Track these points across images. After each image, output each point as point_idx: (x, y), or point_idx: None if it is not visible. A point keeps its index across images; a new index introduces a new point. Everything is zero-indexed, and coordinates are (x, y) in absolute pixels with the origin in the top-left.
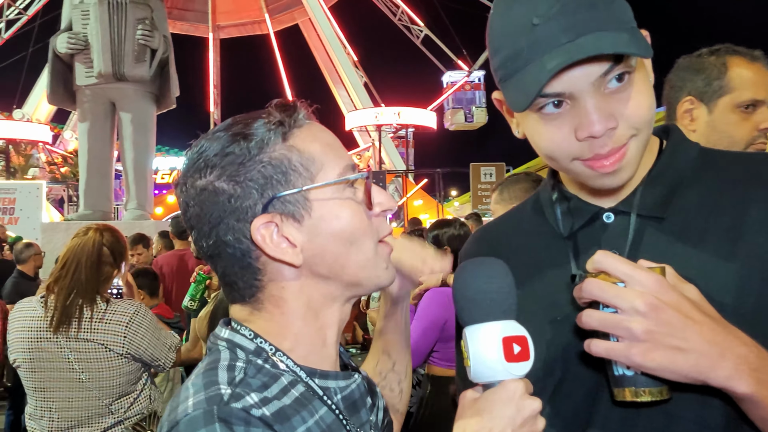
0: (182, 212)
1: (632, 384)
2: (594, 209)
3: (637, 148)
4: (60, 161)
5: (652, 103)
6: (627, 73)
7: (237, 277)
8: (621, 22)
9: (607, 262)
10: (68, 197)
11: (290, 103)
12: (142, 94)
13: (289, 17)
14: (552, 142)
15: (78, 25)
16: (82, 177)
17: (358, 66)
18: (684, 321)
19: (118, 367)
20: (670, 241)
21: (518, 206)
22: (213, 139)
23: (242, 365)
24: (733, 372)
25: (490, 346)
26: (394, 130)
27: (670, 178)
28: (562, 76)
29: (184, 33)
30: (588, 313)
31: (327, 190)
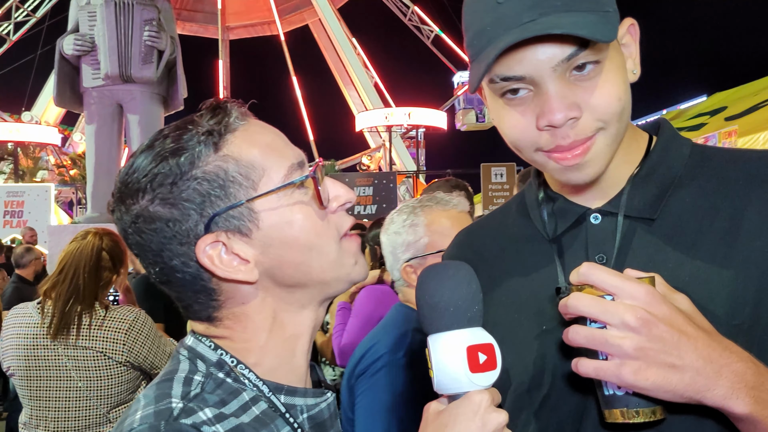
0: (123, 239)
1: (624, 404)
2: (580, 210)
3: (606, 144)
4: (69, 163)
5: (621, 95)
6: (594, 61)
7: (192, 300)
8: (595, 3)
9: (594, 274)
10: (77, 200)
11: (220, 105)
12: (150, 96)
13: (299, 18)
14: (514, 130)
15: (85, 26)
16: (89, 179)
17: (368, 66)
18: (678, 336)
19: (117, 375)
20: (661, 244)
21: (503, 206)
22: (141, 157)
23: (200, 379)
24: (729, 391)
25: (454, 356)
26: (405, 130)
27: (660, 177)
28: (523, 58)
29: (193, 34)
30: (575, 330)
31: (273, 198)
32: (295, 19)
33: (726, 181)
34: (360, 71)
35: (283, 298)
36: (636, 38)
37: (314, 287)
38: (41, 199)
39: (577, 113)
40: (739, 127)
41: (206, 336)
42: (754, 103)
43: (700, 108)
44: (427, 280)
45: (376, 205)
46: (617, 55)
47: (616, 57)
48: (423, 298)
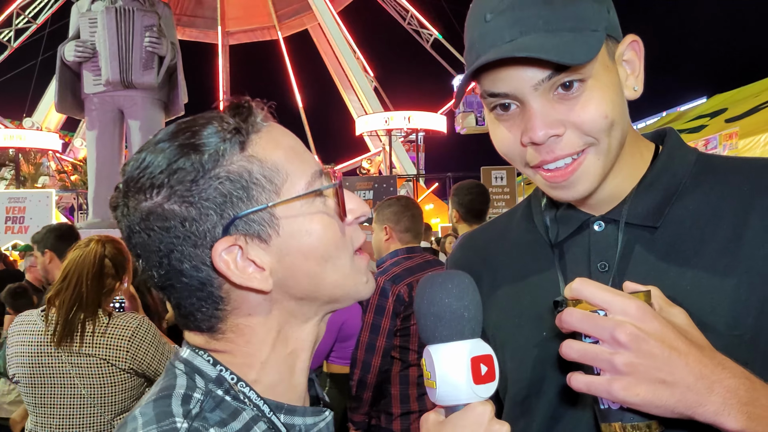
0: (125, 238)
1: (619, 419)
2: (584, 217)
3: (596, 159)
4: (70, 169)
5: (608, 112)
6: (578, 80)
7: (194, 308)
8: (579, 21)
9: (586, 289)
10: (78, 205)
11: (244, 104)
12: (151, 101)
13: (299, 22)
14: (502, 144)
15: (86, 33)
16: (90, 185)
17: (367, 70)
18: (668, 352)
19: (120, 382)
20: (663, 252)
21: (509, 211)
22: (157, 151)
23: (199, 396)
24: (721, 407)
25: (458, 367)
26: (405, 134)
27: (664, 185)
28: (506, 76)
29: (193, 39)
30: (568, 344)
31: (295, 204)
32: (295, 24)
33: (730, 189)
34: (359, 75)
35: (291, 310)
36: (640, 55)
37: (323, 301)
38: (42, 205)
39: (560, 130)
40: (740, 129)
41: (204, 349)
42: (754, 104)
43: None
44: (430, 290)
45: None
46: (606, 72)
47: (604, 74)
48: (425, 308)
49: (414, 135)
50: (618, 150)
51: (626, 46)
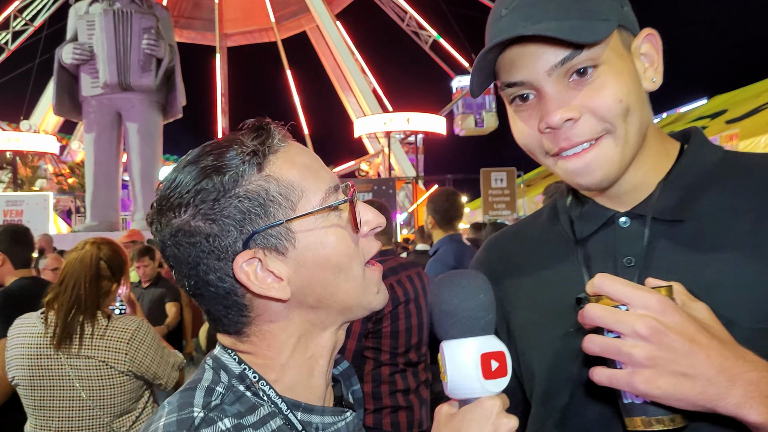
0: (160, 251)
1: (642, 413)
2: (609, 213)
3: (613, 146)
4: (67, 172)
5: (622, 97)
6: (591, 66)
7: (222, 314)
8: (588, 11)
9: (607, 285)
10: (76, 208)
11: (263, 127)
12: (149, 104)
13: (297, 24)
14: (521, 135)
15: (83, 35)
16: (88, 188)
17: (366, 72)
18: (689, 345)
19: (119, 384)
20: (687, 246)
21: (535, 213)
22: (184, 172)
23: (221, 390)
24: (743, 399)
25: (468, 362)
26: (404, 136)
27: (688, 181)
28: (520, 65)
29: (191, 42)
30: (590, 339)
31: (310, 219)
32: (293, 26)
33: (754, 185)
34: (358, 77)
35: (309, 318)
36: (657, 47)
37: (338, 309)
38: (40, 208)
39: (574, 114)
40: (740, 130)
41: (232, 350)
42: (755, 105)
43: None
44: (443, 289)
45: None
46: (620, 60)
47: (617, 62)
48: (438, 306)
49: (413, 137)
50: (637, 139)
51: (642, 39)
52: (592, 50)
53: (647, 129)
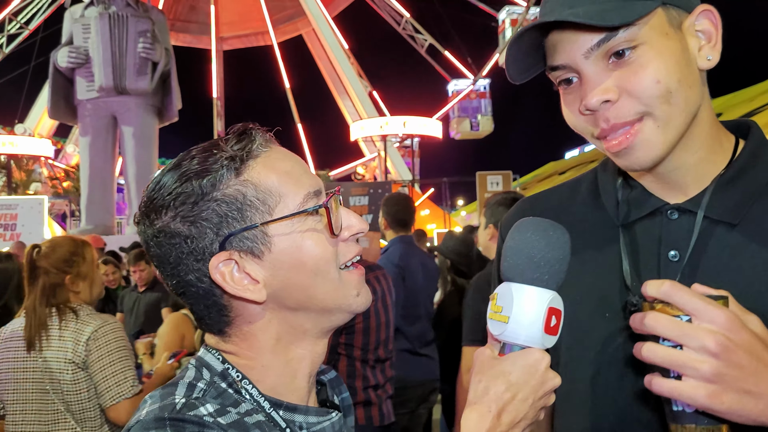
0: (146, 250)
1: (693, 422)
2: (658, 203)
3: (654, 129)
4: (62, 176)
5: (662, 78)
6: (630, 48)
7: (204, 314)
8: None
9: (676, 294)
10: (71, 212)
11: (246, 132)
12: (144, 107)
13: (293, 28)
14: (569, 118)
15: (79, 39)
16: (83, 192)
17: (362, 76)
18: (756, 364)
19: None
20: (739, 250)
21: (571, 182)
22: (168, 175)
23: (203, 386)
24: None
25: (537, 312)
26: (400, 139)
27: (747, 182)
28: (560, 48)
29: (187, 45)
30: (651, 349)
31: (287, 223)
32: (289, 29)
33: None
34: (354, 80)
35: (288, 320)
36: (716, 23)
37: (317, 312)
38: (35, 212)
39: (612, 96)
40: None
41: (216, 349)
42: (749, 109)
43: None
44: (532, 233)
45: (371, 214)
46: (664, 39)
47: (660, 41)
48: (521, 247)
49: (409, 140)
50: (683, 120)
51: (698, 15)
52: (629, 31)
53: (698, 110)
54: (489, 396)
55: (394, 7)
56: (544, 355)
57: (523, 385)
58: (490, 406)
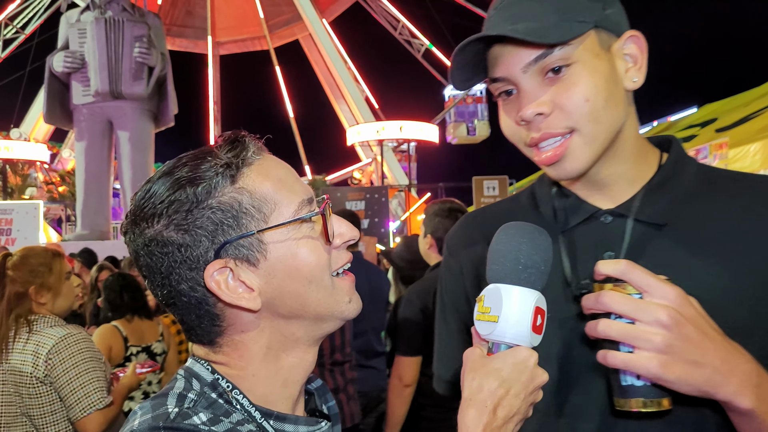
0: (133, 261)
1: (641, 395)
2: (592, 209)
3: (581, 144)
4: (58, 180)
5: (590, 96)
6: (565, 65)
7: (194, 324)
8: (564, 12)
9: (632, 272)
10: (66, 217)
11: (238, 139)
12: (140, 112)
13: (289, 33)
14: (506, 128)
15: (75, 43)
16: (79, 197)
17: (358, 80)
18: (702, 336)
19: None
20: (669, 249)
21: (512, 197)
22: (159, 183)
23: (193, 397)
24: (739, 388)
25: (525, 311)
26: (396, 144)
27: (673, 187)
28: (501, 62)
29: (183, 50)
30: (606, 323)
31: (282, 230)
32: (286, 34)
33: (732, 199)
34: (351, 85)
35: (280, 329)
36: (642, 48)
37: (310, 319)
38: (30, 217)
39: (545, 109)
40: (730, 138)
41: (206, 360)
42: (744, 114)
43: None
44: (518, 236)
45: (368, 219)
46: (595, 60)
47: (592, 61)
48: (507, 250)
49: (405, 145)
50: (607, 136)
51: (626, 40)
52: (564, 50)
53: (622, 125)
54: (483, 392)
55: (391, 12)
56: (532, 353)
57: (514, 381)
58: (486, 402)
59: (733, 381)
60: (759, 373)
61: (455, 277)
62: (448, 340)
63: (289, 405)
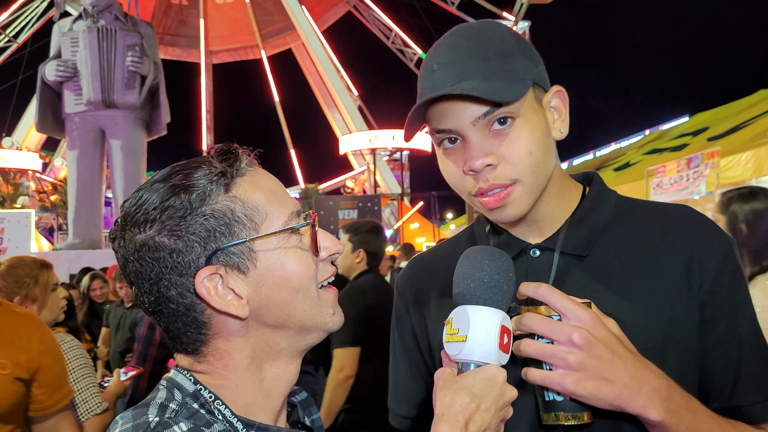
0: (121, 267)
1: (561, 409)
2: (522, 244)
3: (522, 194)
4: (50, 189)
5: (533, 149)
6: (510, 117)
7: (180, 332)
8: (509, 72)
9: (551, 295)
10: (58, 226)
11: (232, 151)
12: (132, 121)
13: (282, 42)
14: (449, 175)
15: (67, 52)
16: (70, 205)
17: (351, 89)
18: (612, 356)
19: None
20: (590, 278)
21: (454, 237)
22: (152, 190)
23: (175, 407)
24: (648, 402)
25: (491, 330)
26: (389, 153)
27: (592, 221)
28: (449, 114)
29: (176, 59)
30: (528, 343)
31: (272, 240)
32: (279, 43)
33: (645, 229)
34: (343, 94)
35: (265, 338)
36: (565, 102)
37: (295, 329)
38: (21, 226)
39: (494, 161)
40: (721, 147)
41: (188, 370)
42: (736, 123)
43: (682, 128)
44: (480, 258)
45: None
46: (533, 114)
47: (531, 116)
48: (475, 273)
49: (398, 154)
50: (543, 184)
51: (552, 94)
52: (510, 106)
53: (553, 172)
54: (455, 408)
55: (383, 21)
56: (501, 370)
57: (485, 396)
58: (458, 417)
59: (643, 395)
60: (669, 387)
61: (402, 316)
62: (400, 377)
63: (271, 416)
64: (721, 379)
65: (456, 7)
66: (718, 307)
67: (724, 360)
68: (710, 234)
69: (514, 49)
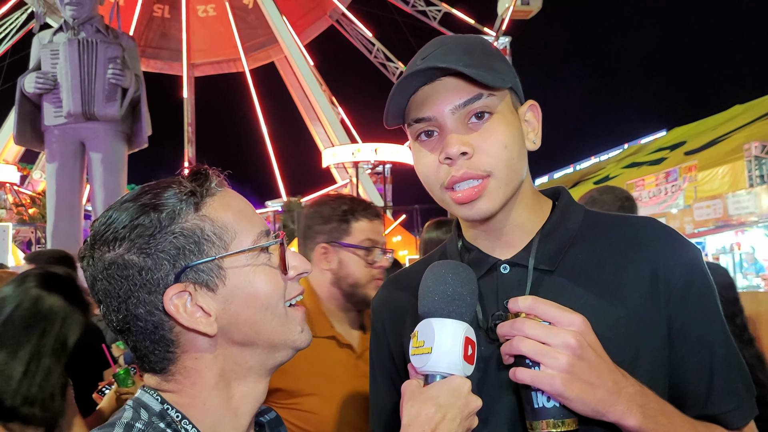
0: (89, 286)
1: (551, 416)
2: (492, 261)
3: (496, 188)
4: (28, 202)
5: (508, 144)
6: (488, 113)
7: (149, 350)
8: (491, 67)
9: (539, 306)
10: (36, 239)
11: (202, 171)
12: (113, 134)
13: (265, 55)
14: (425, 167)
15: (47, 64)
16: (49, 219)
17: (334, 103)
18: (599, 360)
19: None
20: (558, 292)
21: (428, 256)
22: (121, 210)
23: (141, 427)
24: (626, 408)
25: (455, 341)
26: (372, 166)
27: (560, 236)
28: (429, 103)
29: (158, 71)
30: (520, 339)
31: (241, 258)
32: (261, 56)
33: (611, 242)
34: (326, 107)
35: (234, 357)
36: (538, 116)
37: (263, 347)
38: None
39: (469, 150)
40: (698, 161)
41: (155, 390)
42: (713, 137)
43: (660, 143)
44: (443, 272)
45: None
46: (512, 116)
47: (509, 116)
48: (439, 287)
49: (381, 167)
50: (515, 184)
51: (527, 107)
52: (489, 99)
53: (524, 179)
54: (421, 418)
55: (366, 35)
56: (466, 381)
57: (450, 406)
58: (424, 427)
59: (622, 401)
60: (644, 393)
61: (379, 337)
62: (378, 396)
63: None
64: (695, 390)
65: (438, 22)
66: (686, 318)
67: (696, 370)
68: (674, 245)
69: (495, 54)
